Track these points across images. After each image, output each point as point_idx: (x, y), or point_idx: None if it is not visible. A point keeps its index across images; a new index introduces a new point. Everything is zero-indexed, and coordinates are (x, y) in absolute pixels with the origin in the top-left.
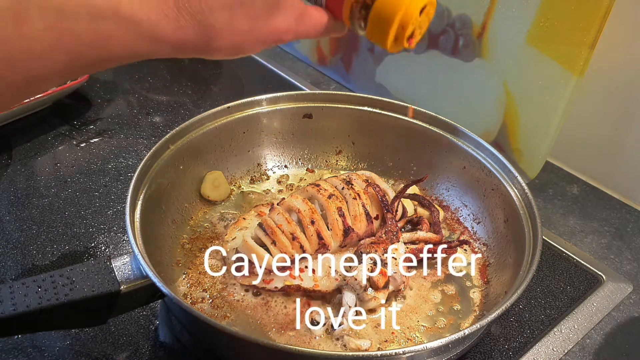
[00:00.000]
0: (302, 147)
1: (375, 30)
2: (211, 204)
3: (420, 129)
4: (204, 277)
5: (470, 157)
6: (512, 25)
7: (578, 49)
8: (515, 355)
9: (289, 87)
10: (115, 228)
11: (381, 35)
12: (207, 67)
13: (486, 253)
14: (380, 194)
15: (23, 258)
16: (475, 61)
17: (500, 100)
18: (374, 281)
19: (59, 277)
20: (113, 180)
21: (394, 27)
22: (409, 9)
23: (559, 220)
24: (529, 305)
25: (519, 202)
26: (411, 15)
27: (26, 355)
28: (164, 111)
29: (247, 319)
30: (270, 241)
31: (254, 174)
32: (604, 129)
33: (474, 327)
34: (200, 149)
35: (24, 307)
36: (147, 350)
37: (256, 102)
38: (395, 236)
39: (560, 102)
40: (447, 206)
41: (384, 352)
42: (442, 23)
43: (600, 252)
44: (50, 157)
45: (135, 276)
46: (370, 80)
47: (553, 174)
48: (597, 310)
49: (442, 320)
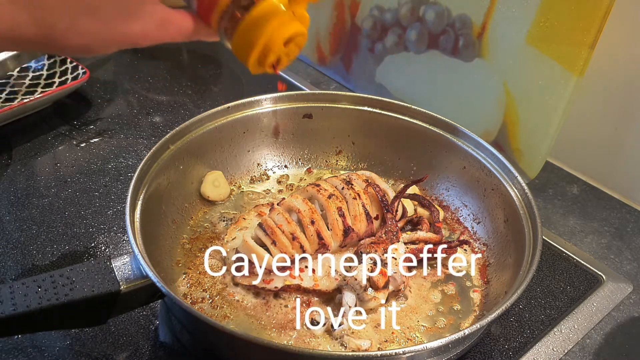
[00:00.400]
0: (302, 147)
1: (238, 49)
2: (211, 204)
3: (420, 129)
4: (204, 277)
5: (470, 157)
6: (512, 25)
7: (578, 49)
8: (515, 355)
9: (289, 87)
10: (115, 228)
11: (243, 56)
12: (207, 67)
13: (486, 253)
14: (380, 194)
15: (23, 258)
16: (475, 61)
17: (500, 100)
18: (374, 281)
19: (59, 277)
20: (113, 180)
21: (255, 52)
22: (272, 37)
23: (559, 220)
24: (529, 305)
25: (519, 202)
26: (274, 44)
27: (26, 355)
28: (164, 111)
29: (247, 319)
30: (270, 241)
31: (254, 174)
32: (604, 129)
33: (474, 327)
34: (200, 149)
35: (24, 307)
36: (147, 350)
37: (256, 102)
38: (395, 236)
39: (560, 102)
40: (447, 206)
41: (384, 352)
42: (442, 23)
43: (600, 252)
44: (50, 157)
45: (135, 276)
46: (370, 80)
47: (553, 174)
48: (597, 310)
49: (442, 320)
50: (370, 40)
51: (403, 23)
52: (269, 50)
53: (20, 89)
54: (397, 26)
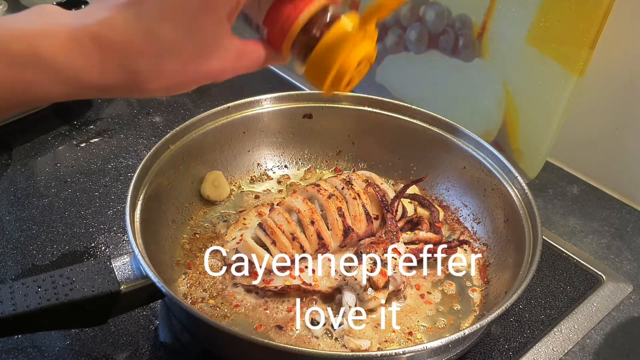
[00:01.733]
0: (302, 147)
1: (313, 74)
2: (211, 204)
3: (420, 129)
4: (204, 277)
5: (470, 157)
6: (512, 25)
7: (578, 49)
8: (515, 355)
9: (289, 87)
10: (115, 228)
11: (319, 80)
12: None
13: (486, 253)
14: (380, 194)
15: (23, 258)
16: (475, 61)
17: (500, 100)
18: (374, 281)
19: (59, 277)
20: (113, 180)
21: (331, 76)
22: (348, 60)
23: (559, 220)
24: (529, 305)
25: (519, 202)
26: (349, 67)
27: (26, 355)
28: (164, 111)
29: (247, 319)
30: (270, 241)
31: (254, 174)
32: (604, 129)
33: (474, 327)
34: (200, 149)
35: (24, 307)
36: (147, 350)
37: (256, 102)
38: (395, 236)
39: (560, 102)
40: (447, 206)
41: (384, 352)
42: (442, 23)
43: (600, 252)
44: (50, 157)
45: (135, 276)
46: (370, 80)
47: (553, 174)
48: (597, 310)
49: (442, 320)
50: None
51: (403, 23)
52: (345, 72)
53: None
54: (397, 26)
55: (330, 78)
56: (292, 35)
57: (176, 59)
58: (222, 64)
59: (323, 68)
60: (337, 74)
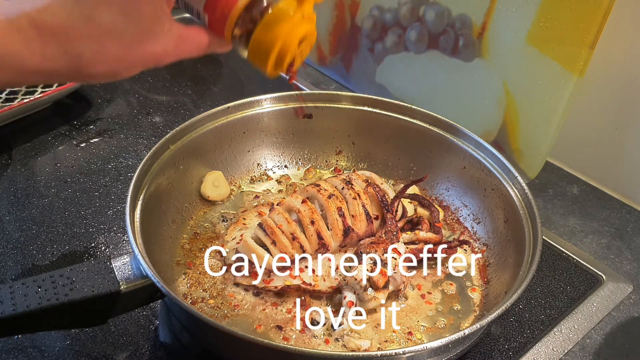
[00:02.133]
0: (302, 147)
1: (255, 56)
2: (211, 204)
3: (420, 129)
4: (204, 277)
5: (470, 157)
6: (512, 25)
7: (578, 49)
8: (515, 355)
9: (289, 87)
10: (115, 228)
11: (261, 61)
12: (207, 67)
13: (486, 253)
14: (380, 194)
15: (23, 258)
16: (475, 61)
17: (500, 100)
18: (374, 281)
19: (59, 277)
20: (113, 180)
21: (272, 56)
22: (288, 39)
23: (559, 220)
24: (529, 305)
25: (519, 202)
26: (289, 45)
27: (26, 355)
28: (164, 111)
29: (247, 319)
30: (270, 241)
31: (254, 174)
32: (604, 129)
33: (474, 327)
34: (200, 149)
35: (24, 307)
36: (147, 350)
37: (256, 102)
38: (395, 236)
39: (560, 102)
40: (447, 206)
41: (384, 352)
42: (442, 23)
43: (600, 252)
44: (50, 157)
45: (135, 276)
46: (370, 80)
47: (553, 174)
48: (597, 310)
49: (442, 320)
50: (370, 40)
51: (403, 23)
52: (286, 52)
53: (20, 89)
54: (397, 26)
55: (272, 58)
56: (232, 21)
57: (117, 42)
58: (163, 47)
59: (265, 49)
60: (279, 54)
